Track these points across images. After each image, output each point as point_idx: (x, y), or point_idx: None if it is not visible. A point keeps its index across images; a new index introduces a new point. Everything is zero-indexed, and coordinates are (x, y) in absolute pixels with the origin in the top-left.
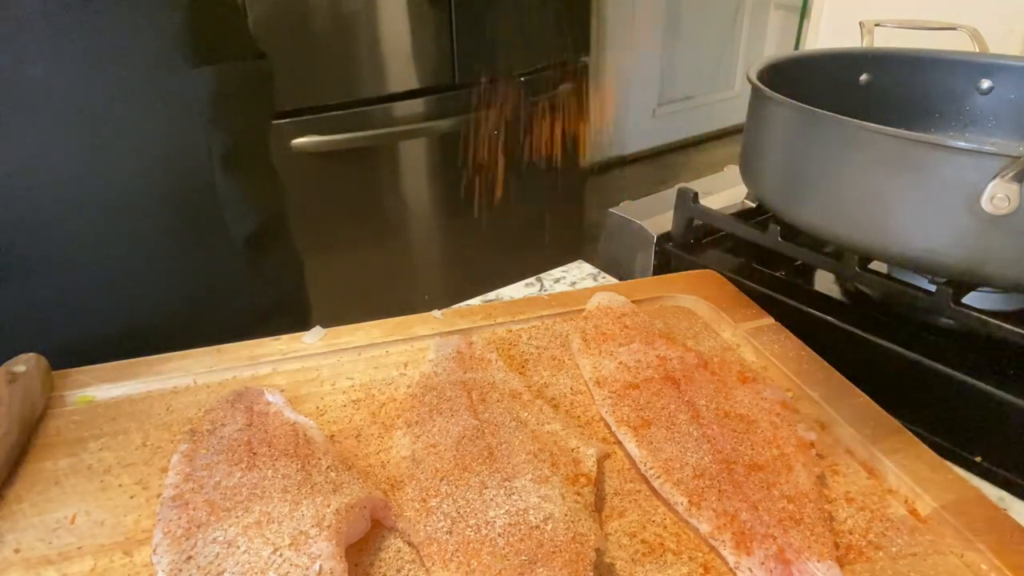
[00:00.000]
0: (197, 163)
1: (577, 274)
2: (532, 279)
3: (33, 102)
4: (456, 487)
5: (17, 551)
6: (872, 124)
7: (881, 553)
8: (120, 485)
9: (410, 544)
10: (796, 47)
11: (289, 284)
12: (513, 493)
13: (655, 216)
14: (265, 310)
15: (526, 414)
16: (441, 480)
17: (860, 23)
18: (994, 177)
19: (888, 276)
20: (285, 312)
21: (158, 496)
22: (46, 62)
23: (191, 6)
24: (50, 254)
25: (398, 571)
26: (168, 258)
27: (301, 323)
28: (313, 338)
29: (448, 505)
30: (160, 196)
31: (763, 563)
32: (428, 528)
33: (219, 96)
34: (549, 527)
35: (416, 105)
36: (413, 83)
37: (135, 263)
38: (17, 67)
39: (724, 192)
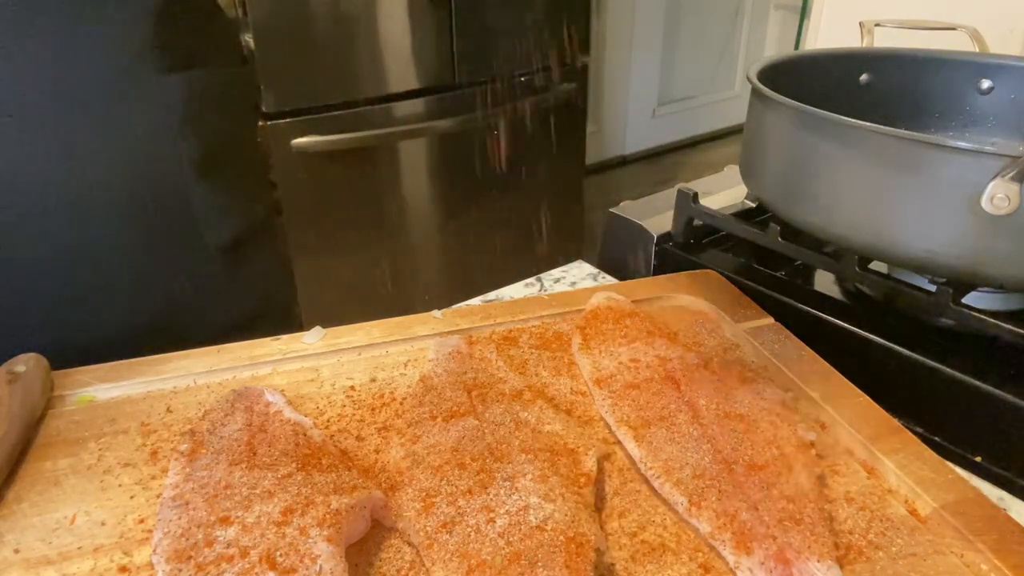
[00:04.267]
0: (169, 170)
1: (577, 274)
2: (532, 279)
3: (3, 108)
4: (456, 487)
5: (17, 551)
6: (872, 124)
7: (881, 553)
8: (120, 485)
9: (410, 544)
10: (796, 47)
11: (272, 291)
12: (513, 493)
13: (655, 216)
14: (245, 318)
15: (526, 414)
16: (441, 480)
17: (860, 23)
18: (994, 177)
19: (888, 276)
20: (267, 319)
21: (158, 496)
22: (15, 68)
23: (163, 12)
24: (17, 259)
25: (398, 571)
26: (139, 264)
27: (285, 329)
28: (313, 338)
29: (448, 505)
30: (130, 202)
31: (763, 563)
32: (428, 528)
33: (192, 102)
34: (549, 527)
35: (416, 105)
36: (413, 83)
37: (105, 269)
38: None
39: (724, 192)
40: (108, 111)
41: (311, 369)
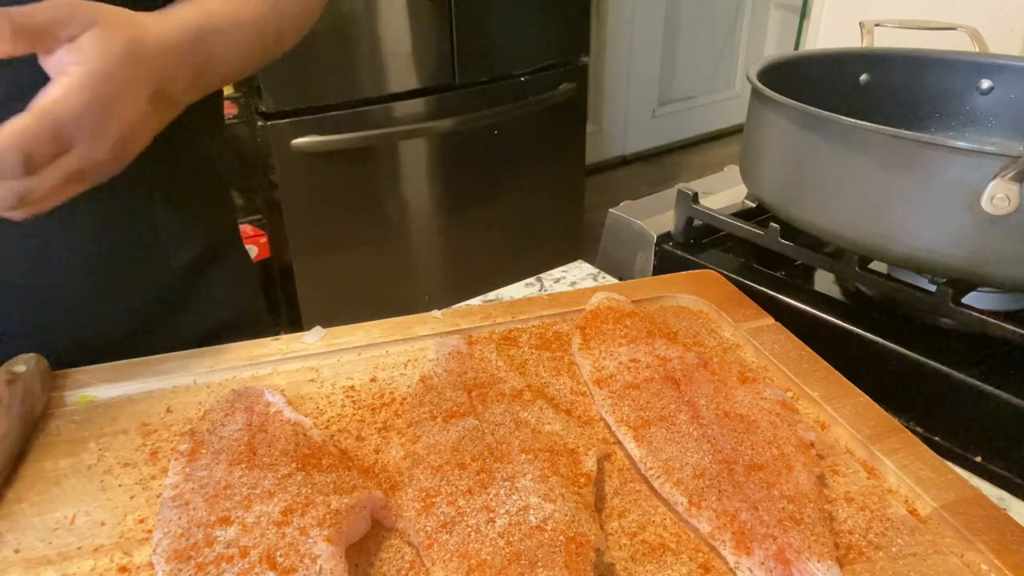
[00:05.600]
0: (128, 193)
1: (577, 274)
2: (532, 279)
3: None
4: (456, 487)
5: (17, 551)
6: (872, 124)
7: (881, 553)
8: (120, 485)
9: (410, 544)
10: (796, 47)
11: (241, 300)
12: (513, 493)
13: (655, 216)
14: (211, 330)
15: (526, 414)
16: (441, 480)
17: (860, 23)
18: (994, 177)
19: (888, 276)
20: (236, 329)
21: (158, 496)
22: None
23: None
24: None
25: (398, 571)
26: (98, 284)
27: (259, 336)
28: (313, 338)
29: (448, 505)
30: (87, 224)
31: (763, 563)
32: (428, 528)
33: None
34: (549, 527)
35: (416, 105)
36: (413, 83)
37: (66, 287)
38: None
39: (724, 192)
40: None
41: (311, 369)
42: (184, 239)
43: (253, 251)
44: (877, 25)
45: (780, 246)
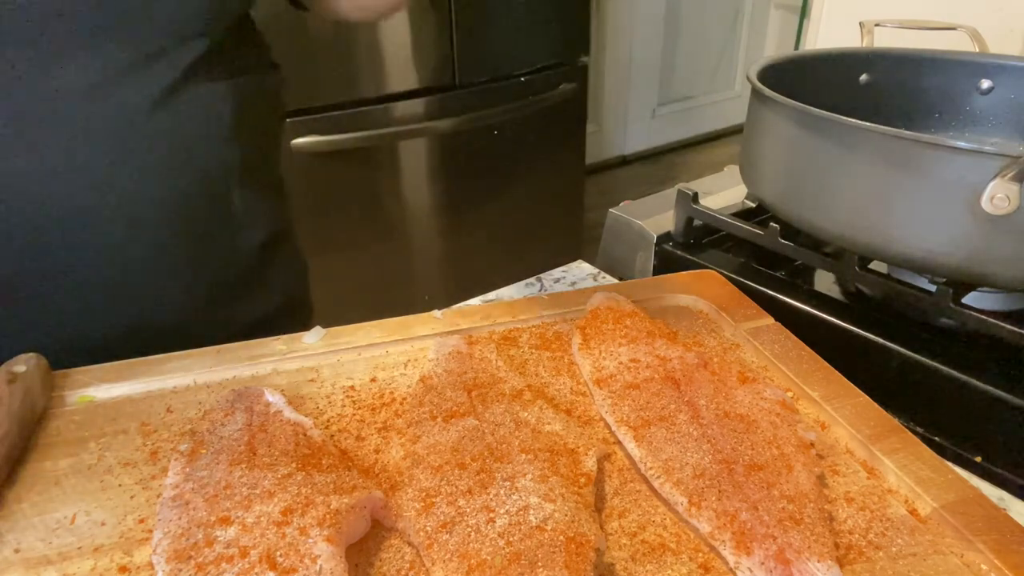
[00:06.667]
0: (212, 175)
1: (577, 274)
2: (532, 279)
3: (56, 112)
4: (456, 487)
5: (17, 551)
6: (872, 124)
7: (881, 553)
8: (120, 485)
9: (410, 544)
10: (796, 47)
11: (293, 288)
12: (513, 493)
13: (655, 216)
14: (268, 315)
15: (526, 414)
16: (441, 480)
17: (860, 23)
18: (994, 177)
19: (888, 276)
20: (288, 315)
21: (158, 496)
22: (68, 73)
23: (216, 21)
24: (66, 258)
25: (398, 571)
26: (176, 266)
27: (303, 326)
28: (313, 338)
29: (448, 505)
30: (175, 206)
31: (763, 563)
32: (428, 528)
33: (237, 109)
34: (549, 527)
35: (416, 105)
36: (413, 83)
37: (144, 269)
38: (40, 78)
39: (724, 192)
40: (160, 117)
41: (311, 369)
42: (254, 224)
43: None
44: (877, 25)
45: (780, 246)
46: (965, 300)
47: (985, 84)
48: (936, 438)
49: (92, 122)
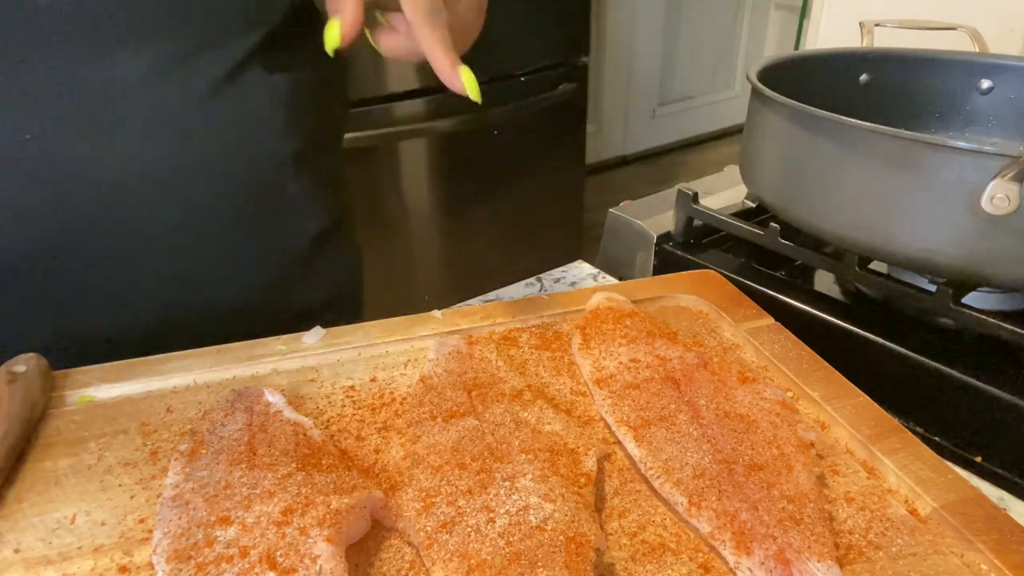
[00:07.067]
0: (267, 165)
1: (577, 274)
2: (532, 279)
3: (116, 101)
4: (456, 487)
5: (17, 551)
6: (872, 124)
7: (881, 553)
8: (120, 485)
9: (410, 544)
10: (796, 47)
11: (345, 280)
12: (513, 493)
13: (655, 216)
14: (317, 306)
15: (526, 414)
16: (441, 480)
17: (860, 23)
18: (994, 177)
19: (888, 276)
20: (336, 308)
21: (158, 496)
22: (127, 62)
23: (272, 7)
24: (120, 245)
25: (398, 571)
26: (229, 254)
27: (351, 319)
28: (313, 338)
29: (448, 505)
30: (228, 195)
31: (763, 563)
32: (428, 528)
33: (294, 99)
34: (549, 527)
35: (416, 105)
36: (413, 83)
37: (197, 257)
38: (101, 67)
39: (724, 192)
40: (221, 106)
41: (311, 369)
42: (308, 216)
43: None
44: (877, 25)
45: (780, 246)
46: (965, 300)
47: (985, 84)
48: (936, 438)
49: (150, 110)
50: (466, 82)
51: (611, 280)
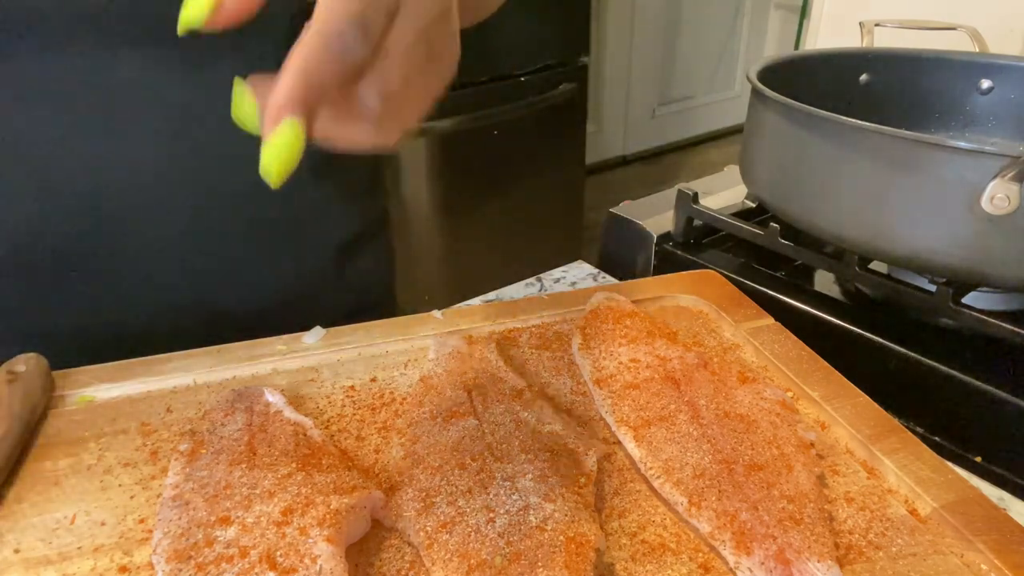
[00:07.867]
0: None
1: (577, 274)
2: (532, 279)
3: (127, 102)
4: (456, 487)
5: (17, 551)
6: (872, 124)
7: (881, 553)
8: (120, 485)
9: (410, 544)
10: (796, 47)
11: (376, 286)
12: (513, 493)
13: (655, 216)
14: (347, 312)
15: (526, 414)
16: (441, 480)
17: (860, 23)
18: (994, 177)
19: (888, 276)
20: (367, 314)
21: (158, 496)
22: (138, 63)
23: (296, 13)
24: (137, 249)
25: (398, 571)
26: (247, 261)
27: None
28: (313, 338)
29: (448, 505)
30: (247, 200)
31: (763, 563)
32: (428, 528)
33: None
34: (549, 527)
35: None
36: None
37: (216, 260)
38: (109, 67)
39: (724, 192)
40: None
41: (311, 369)
42: (331, 225)
43: None
44: (877, 25)
45: (780, 246)
46: (965, 300)
47: (985, 84)
48: (936, 438)
49: (163, 112)
50: (269, 147)
51: (611, 280)
